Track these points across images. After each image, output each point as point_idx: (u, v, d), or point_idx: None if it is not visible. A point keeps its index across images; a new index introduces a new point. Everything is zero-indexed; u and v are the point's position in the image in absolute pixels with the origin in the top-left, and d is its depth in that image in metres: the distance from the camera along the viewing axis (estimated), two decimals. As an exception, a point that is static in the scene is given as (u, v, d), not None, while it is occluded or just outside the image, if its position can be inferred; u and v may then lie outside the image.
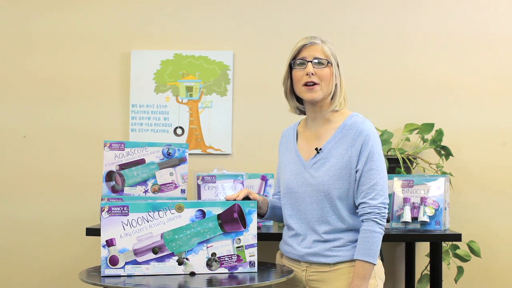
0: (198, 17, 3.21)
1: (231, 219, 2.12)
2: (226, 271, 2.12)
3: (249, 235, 2.13)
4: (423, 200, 2.68)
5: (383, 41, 3.16)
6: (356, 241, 2.10)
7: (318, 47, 2.16)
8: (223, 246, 2.12)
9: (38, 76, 3.21)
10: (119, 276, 2.07)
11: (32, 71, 3.21)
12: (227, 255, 2.12)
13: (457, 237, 2.59)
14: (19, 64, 3.21)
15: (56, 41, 3.21)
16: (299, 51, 2.17)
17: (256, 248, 2.14)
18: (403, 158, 2.94)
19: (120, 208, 2.08)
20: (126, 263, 2.08)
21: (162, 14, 3.21)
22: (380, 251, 2.13)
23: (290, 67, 2.20)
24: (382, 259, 2.22)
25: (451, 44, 3.15)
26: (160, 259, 2.09)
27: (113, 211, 2.08)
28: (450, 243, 2.92)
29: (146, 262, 2.08)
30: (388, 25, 3.17)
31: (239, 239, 2.13)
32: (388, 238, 2.38)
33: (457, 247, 2.93)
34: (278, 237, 2.38)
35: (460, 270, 2.94)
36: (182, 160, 2.73)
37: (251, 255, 2.14)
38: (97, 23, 3.21)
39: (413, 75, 3.15)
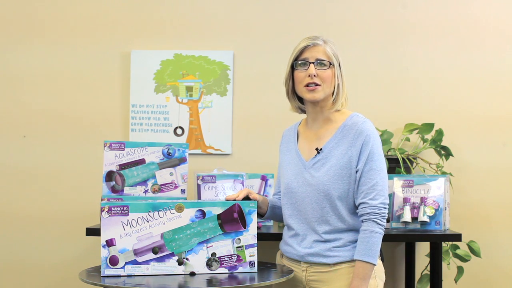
0: (198, 17, 3.21)
1: (231, 219, 2.12)
2: (226, 271, 2.12)
3: (249, 235, 2.13)
4: (423, 200, 2.68)
5: (384, 41, 3.16)
6: (356, 241, 2.10)
7: (320, 48, 2.15)
8: (223, 246, 2.12)
9: (38, 76, 3.21)
10: (119, 276, 2.07)
11: (31, 67, 3.21)
12: (227, 255, 2.12)
13: (457, 237, 2.59)
14: (18, 64, 3.21)
15: (56, 41, 3.21)
16: (301, 52, 2.16)
17: (256, 248, 2.14)
18: (403, 158, 2.94)
19: (120, 208, 2.08)
20: (126, 263, 2.07)
21: (162, 13, 3.21)
22: (380, 251, 2.13)
23: (292, 68, 2.19)
24: (382, 259, 2.22)
25: (451, 44, 3.15)
26: (160, 259, 2.09)
27: (113, 211, 2.08)
28: (450, 243, 2.92)
29: (146, 262, 2.08)
30: (387, 25, 3.17)
31: (239, 239, 2.13)
32: (388, 238, 2.37)
33: (457, 247, 2.93)
34: (278, 237, 2.38)
35: (460, 270, 2.94)
36: (182, 160, 2.73)
37: (251, 255, 2.14)
38: (97, 23, 3.21)
39: (413, 75, 3.15)
